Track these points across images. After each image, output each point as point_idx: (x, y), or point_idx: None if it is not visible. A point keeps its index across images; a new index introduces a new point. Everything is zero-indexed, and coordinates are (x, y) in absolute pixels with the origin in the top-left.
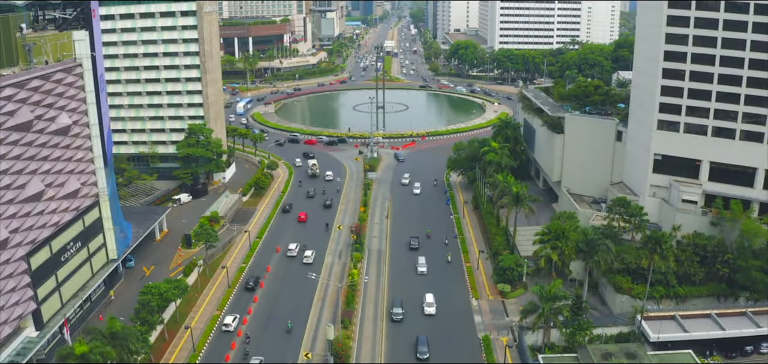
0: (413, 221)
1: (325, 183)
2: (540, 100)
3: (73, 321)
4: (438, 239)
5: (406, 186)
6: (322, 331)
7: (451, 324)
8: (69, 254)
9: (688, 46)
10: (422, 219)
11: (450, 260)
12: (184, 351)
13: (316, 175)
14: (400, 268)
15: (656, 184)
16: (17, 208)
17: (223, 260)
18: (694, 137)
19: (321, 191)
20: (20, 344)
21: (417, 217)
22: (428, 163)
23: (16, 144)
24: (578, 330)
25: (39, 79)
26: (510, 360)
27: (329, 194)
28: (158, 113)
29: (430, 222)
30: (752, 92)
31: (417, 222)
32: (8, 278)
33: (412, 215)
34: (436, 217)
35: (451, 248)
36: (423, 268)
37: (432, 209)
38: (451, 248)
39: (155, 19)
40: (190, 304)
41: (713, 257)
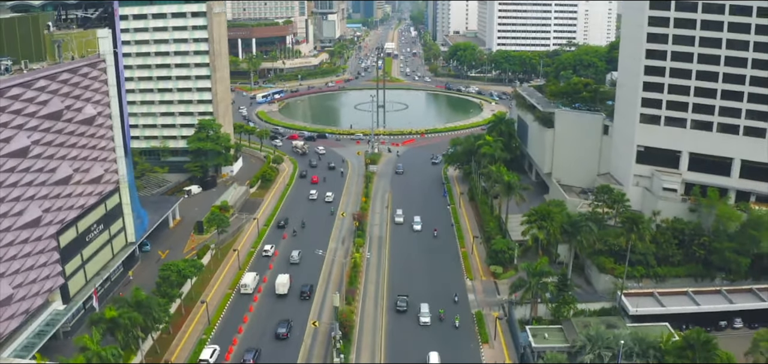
0: (413, 212)
1: (328, 171)
2: (533, 98)
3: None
4: (434, 226)
5: (404, 176)
6: (328, 303)
7: (447, 302)
8: (92, 235)
9: (668, 45)
10: (421, 210)
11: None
12: (200, 324)
13: (305, 153)
14: (400, 252)
15: (639, 174)
16: (48, 190)
17: (233, 244)
18: (674, 130)
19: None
20: (49, 316)
21: (416, 208)
22: (426, 158)
23: (48, 131)
24: (563, 305)
25: (68, 73)
26: (500, 331)
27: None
28: (169, 109)
29: (428, 212)
30: (728, 87)
31: (416, 212)
32: (40, 253)
33: (411, 205)
34: (433, 207)
35: (448, 235)
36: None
37: (430, 199)
38: (448, 235)
39: (167, 20)
40: (204, 283)
41: (690, 239)
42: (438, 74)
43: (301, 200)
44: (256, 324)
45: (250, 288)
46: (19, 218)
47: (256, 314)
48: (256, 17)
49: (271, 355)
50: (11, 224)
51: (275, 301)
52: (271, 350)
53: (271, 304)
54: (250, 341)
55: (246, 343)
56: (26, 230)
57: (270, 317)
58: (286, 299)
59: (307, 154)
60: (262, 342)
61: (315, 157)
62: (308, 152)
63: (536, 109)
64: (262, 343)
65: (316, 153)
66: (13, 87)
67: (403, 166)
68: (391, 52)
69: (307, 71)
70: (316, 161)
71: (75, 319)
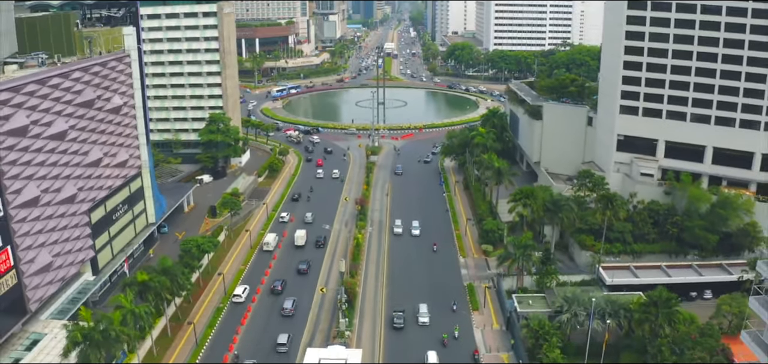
0: (411, 199)
1: (325, 154)
2: (523, 93)
3: (120, 273)
4: (431, 212)
5: (402, 166)
6: (335, 273)
7: (441, 275)
8: (118, 214)
9: (644, 42)
10: (418, 197)
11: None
12: (217, 294)
13: (299, 142)
14: (399, 234)
15: (620, 161)
16: (82, 171)
17: (245, 226)
18: (651, 120)
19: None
20: (80, 285)
21: (414, 195)
22: (424, 152)
23: (82, 118)
24: (546, 276)
25: (98, 66)
26: (489, 299)
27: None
28: (181, 104)
29: (425, 200)
30: (700, 80)
31: (414, 199)
32: (74, 227)
33: (410, 193)
34: (430, 195)
35: (443, 220)
36: (417, 231)
37: (427, 188)
38: (443, 221)
39: (180, 20)
40: (219, 259)
41: (664, 219)
42: (436, 73)
43: (310, 178)
44: (279, 267)
45: (271, 245)
46: (58, 194)
47: (279, 261)
48: (259, 18)
49: (295, 284)
50: (51, 199)
51: (294, 251)
52: (294, 281)
53: (292, 253)
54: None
55: (272, 280)
56: (63, 206)
57: (291, 261)
58: (304, 249)
59: (301, 142)
60: (287, 276)
61: (310, 146)
62: (302, 141)
63: (526, 103)
64: (287, 276)
65: (310, 142)
66: (54, 77)
67: (402, 167)
68: (390, 52)
69: (309, 70)
70: (312, 148)
71: (103, 290)
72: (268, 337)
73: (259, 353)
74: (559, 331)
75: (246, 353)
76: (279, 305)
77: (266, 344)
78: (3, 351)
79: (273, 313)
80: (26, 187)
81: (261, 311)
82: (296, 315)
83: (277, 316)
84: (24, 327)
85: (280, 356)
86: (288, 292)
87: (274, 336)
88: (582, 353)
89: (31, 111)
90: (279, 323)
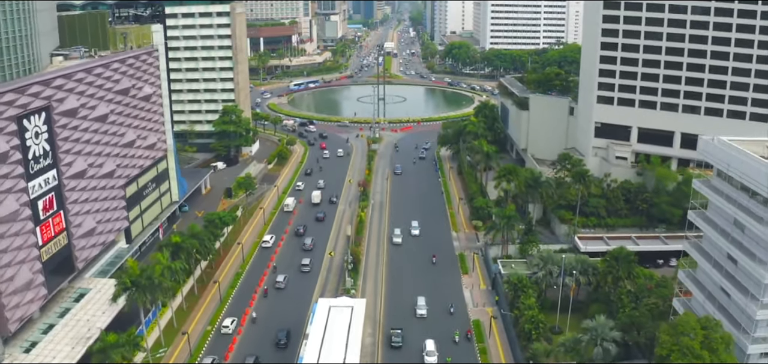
0: (409, 184)
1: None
2: (513, 86)
3: (149, 244)
4: (427, 193)
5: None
6: (342, 239)
7: (436, 246)
8: (147, 191)
9: (618, 39)
10: (416, 182)
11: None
12: (238, 260)
13: (294, 130)
14: (398, 213)
15: (597, 146)
16: (119, 150)
17: (259, 205)
18: (625, 108)
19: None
20: (116, 252)
21: (412, 180)
22: (421, 141)
23: (119, 104)
24: (527, 244)
25: (132, 58)
26: (477, 264)
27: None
28: (196, 97)
29: (422, 184)
30: (668, 73)
31: (412, 184)
32: (113, 199)
33: (408, 178)
34: (427, 180)
35: (438, 200)
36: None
37: (424, 174)
38: (438, 201)
39: (195, 19)
40: (237, 234)
41: (635, 196)
42: (435, 71)
43: (317, 158)
44: (300, 219)
45: (290, 206)
46: (100, 169)
47: (298, 216)
48: (263, 18)
49: (314, 228)
50: (95, 172)
51: (311, 207)
52: (314, 227)
53: (309, 209)
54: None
55: (294, 226)
56: (104, 180)
57: (309, 214)
58: (319, 206)
59: (296, 130)
60: (307, 223)
61: (306, 134)
62: (296, 129)
63: (515, 95)
64: (308, 223)
65: (307, 132)
66: (98, 67)
67: (402, 167)
68: (390, 51)
69: (312, 68)
70: (311, 139)
71: (135, 257)
72: (295, 262)
73: (290, 270)
74: (535, 285)
75: (280, 269)
76: (301, 243)
77: (294, 264)
78: (54, 303)
79: (297, 248)
80: (75, 161)
81: (287, 249)
82: (312, 257)
83: (300, 251)
84: (71, 283)
85: (304, 275)
86: (308, 234)
87: (299, 260)
88: (556, 307)
89: (80, 95)
90: (302, 255)
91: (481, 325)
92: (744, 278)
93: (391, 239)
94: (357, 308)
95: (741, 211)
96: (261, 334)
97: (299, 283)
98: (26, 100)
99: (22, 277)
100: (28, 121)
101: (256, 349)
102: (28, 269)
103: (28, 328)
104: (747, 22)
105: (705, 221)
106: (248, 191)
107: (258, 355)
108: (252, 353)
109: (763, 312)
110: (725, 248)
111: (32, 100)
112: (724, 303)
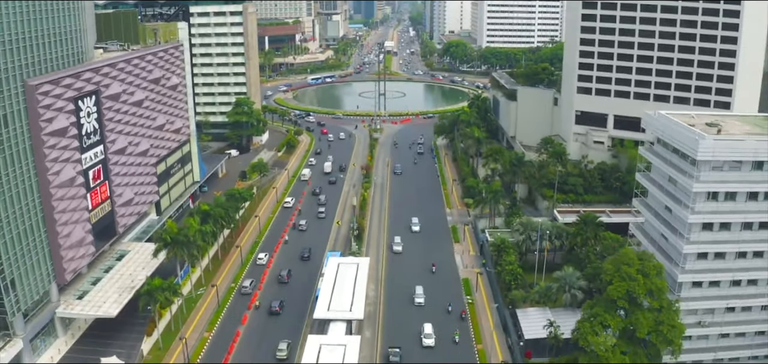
0: (408, 168)
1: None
2: (504, 80)
3: (175, 217)
4: (424, 175)
5: (399, 148)
6: (347, 212)
7: (431, 221)
8: (174, 170)
9: (596, 35)
10: (414, 168)
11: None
12: (255, 232)
13: (293, 119)
14: (397, 193)
15: (578, 132)
16: (151, 132)
17: (272, 185)
18: (602, 98)
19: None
20: (147, 222)
21: (411, 166)
22: (419, 133)
23: (152, 91)
24: (512, 216)
25: (163, 52)
26: (467, 234)
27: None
28: (210, 90)
29: (420, 169)
30: (640, 66)
31: (410, 168)
32: (146, 175)
33: (407, 165)
34: (424, 166)
35: (434, 181)
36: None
37: (422, 161)
38: (434, 182)
39: (210, 17)
40: (252, 210)
41: (610, 175)
42: (433, 69)
43: (323, 141)
44: (315, 184)
45: (306, 176)
46: (136, 147)
47: (313, 182)
48: (267, 17)
49: (328, 189)
50: (133, 150)
51: (324, 175)
52: (328, 189)
53: (322, 176)
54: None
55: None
56: (139, 157)
57: (323, 180)
58: (331, 174)
59: (297, 122)
60: (322, 186)
61: (306, 123)
62: (296, 119)
63: (505, 88)
64: (322, 186)
65: (307, 122)
66: (135, 58)
67: (401, 167)
68: (390, 50)
69: (315, 66)
70: (311, 126)
71: (163, 229)
72: (313, 212)
73: (309, 217)
74: (516, 247)
75: (302, 217)
76: (317, 200)
77: (312, 214)
78: (99, 262)
79: (314, 204)
80: (118, 139)
81: (306, 206)
82: (327, 208)
83: (316, 205)
84: (111, 246)
85: (320, 221)
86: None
87: (316, 210)
88: (534, 269)
89: (122, 83)
90: (318, 207)
91: (470, 282)
92: (675, 221)
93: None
94: (362, 264)
95: (673, 169)
96: (289, 255)
97: (316, 226)
98: (81, 84)
99: (76, 235)
100: (82, 102)
101: (286, 264)
102: (81, 229)
103: (78, 280)
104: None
105: (648, 180)
106: (262, 174)
107: (290, 268)
108: (285, 266)
109: (689, 247)
110: (663, 201)
111: (85, 84)
112: (664, 246)
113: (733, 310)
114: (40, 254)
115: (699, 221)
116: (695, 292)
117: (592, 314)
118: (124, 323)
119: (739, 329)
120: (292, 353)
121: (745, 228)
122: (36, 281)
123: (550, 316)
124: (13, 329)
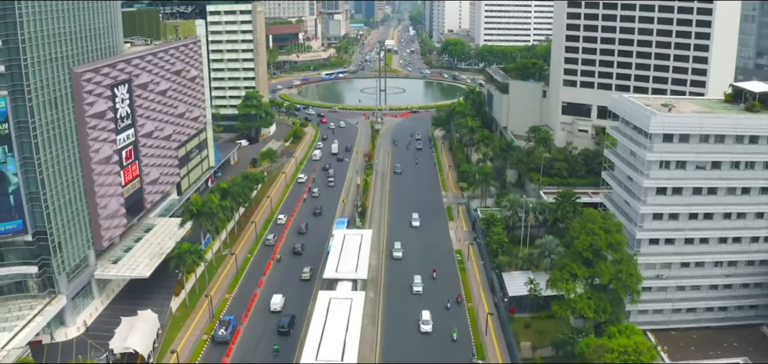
0: (407, 158)
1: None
2: (497, 74)
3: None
4: (422, 162)
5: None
6: (352, 193)
7: (428, 203)
8: (192, 155)
9: (580, 31)
10: (413, 156)
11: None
12: (267, 211)
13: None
14: (396, 178)
15: (564, 122)
16: (174, 119)
17: (281, 170)
18: (586, 90)
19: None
20: (169, 201)
21: (409, 155)
22: (417, 126)
23: (174, 82)
24: (501, 197)
25: (183, 46)
26: (461, 213)
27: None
28: (221, 84)
29: (418, 156)
30: (621, 60)
31: (410, 157)
32: (169, 157)
33: (406, 154)
34: (422, 155)
35: (431, 168)
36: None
37: (420, 156)
38: (431, 169)
39: (221, 16)
40: (264, 191)
41: (592, 160)
42: (432, 66)
43: (327, 130)
44: (324, 161)
45: (317, 157)
46: (161, 132)
47: (322, 160)
48: (271, 17)
49: (336, 165)
50: (158, 134)
51: (332, 155)
52: (336, 166)
53: (330, 156)
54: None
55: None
56: (163, 141)
57: (332, 159)
58: (338, 153)
59: (298, 115)
60: (331, 163)
61: (307, 115)
62: (297, 113)
63: (498, 81)
64: (331, 163)
65: (306, 113)
66: (160, 52)
67: (402, 167)
68: (391, 49)
69: (318, 63)
70: (309, 117)
71: (182, 209)
72: (324, 182)
73: (320, 185)
74: (503, 221)
75: (315, 186)
76: (327, 176)
77: (324, 181)
78: (129, 233)
79: (325, 178)
80: (146, 124)
81: (318, 180)
82: (336, 180)
83: (326, 178)
84: (139, 221)
85: (330, 188)
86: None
87: (326, 180)
88: (519, 243)
89: (149, 73)
90: (328, 179)
91: (462, 252)
92: (634, 188)
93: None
94: (365, 235)
95: (633, 143)
96: (301, 216)
97: (327, 192)
98: (116, 73)
99: (112, 207)
100: (117, 89)
101: (303, 220)
102: (116, 202)
103: (112, 249)
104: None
105: (614, 155)
106: (272, 160)
107: (307, 222)
108: (303, 221)
109: (645, 208)
110: (626, 172)
111: (119, 73)
112: (627, 210)
113: (687, 265)
114: (81, 222)
115: (653, 186)
116: (653, 248)
117: (562, 265)
118: (153, 285)
119: (694, 283)
120: (314, 276)
121: (695, 193)
122: (77, 245)
123: (532, 276)
124: (58, 287)
